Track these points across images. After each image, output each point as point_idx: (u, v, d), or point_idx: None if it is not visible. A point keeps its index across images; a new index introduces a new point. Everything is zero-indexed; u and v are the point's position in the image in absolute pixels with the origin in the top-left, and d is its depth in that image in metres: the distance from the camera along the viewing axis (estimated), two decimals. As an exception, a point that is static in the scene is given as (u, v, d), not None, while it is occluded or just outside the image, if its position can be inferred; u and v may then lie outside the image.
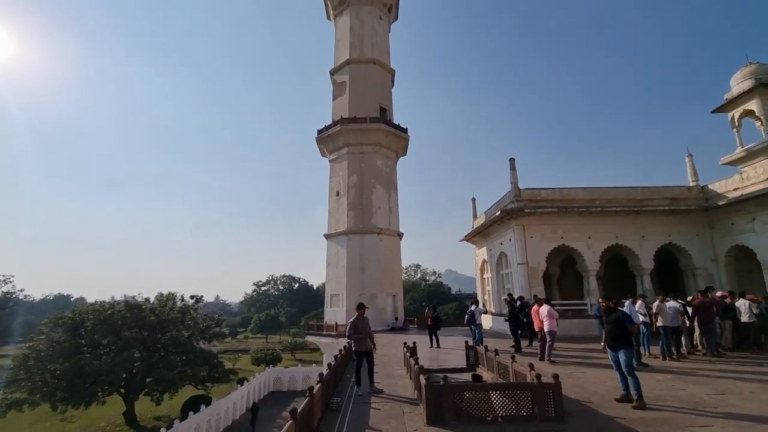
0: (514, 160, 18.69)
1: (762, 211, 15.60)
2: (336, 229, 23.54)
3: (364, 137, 22.81)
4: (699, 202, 18.12)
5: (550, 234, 18.01)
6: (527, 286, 17.39)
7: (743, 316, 11.75)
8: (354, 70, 23.62)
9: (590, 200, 18.32)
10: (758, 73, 16.24)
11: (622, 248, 18.09)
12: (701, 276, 17.75)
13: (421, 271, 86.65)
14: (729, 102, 17.04)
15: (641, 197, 18.39)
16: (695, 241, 17.97)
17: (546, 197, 18.62)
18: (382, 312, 22.34)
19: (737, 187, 16.72)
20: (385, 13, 25.48)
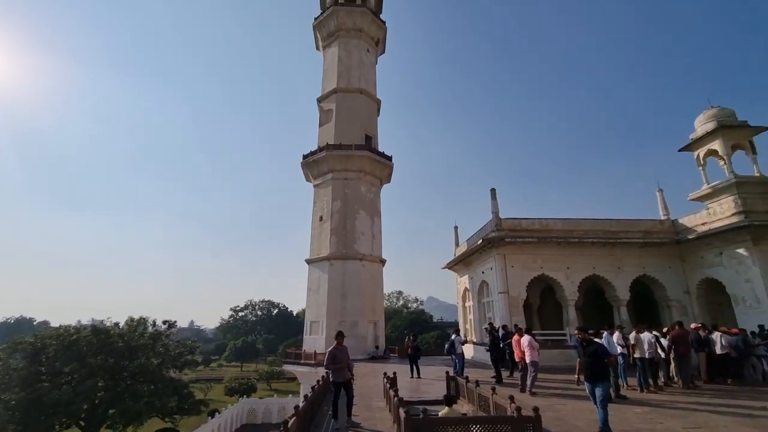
0: (495, 191, 19.15)
1: (728, 246, 16.31)
2: (318, 254, 23.31)
3: (349, 164, 23.08)
4: (670, 235, 18.84)
5: (530, 263, 18.30)
6: (508, 315, 17.44)
7: (718, 349, 12.01)
8: (341, 99, 24.18)
9: (568, 231, 18.81)
10: (719, 116, 17.40)
11: (599, 279, 18.48)
12: (675, 308, 18.21)
13: (403, 299, 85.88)
14: (694, 142, 18.10)
15: (616, 229, 19.00)
16: (668, 273, 18.55)
17: (526, 227, 19.03)
18: (363, 340, 21.91)
19: (705, 221, 17.51)
20: (372, 47, 26.45)
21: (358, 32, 25.34)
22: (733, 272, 16.22)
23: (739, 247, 15.87)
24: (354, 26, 25.37)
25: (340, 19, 25.27)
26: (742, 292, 15.86)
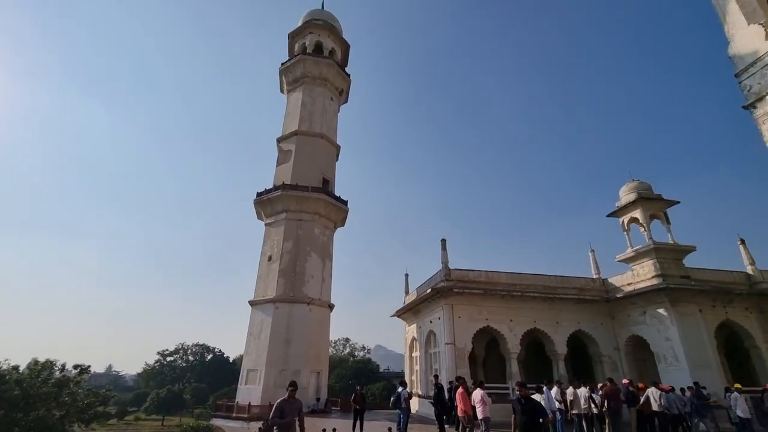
0: (445, 241, 19.80)
1: (650, 306, 17.85)
2: (263, 296, 22.24)
3: (304, 205, 22.98)
4: (601, 293, 20.30)
5: (477, 315, 18.69)
6: (454, 367, 17.39)
7: (654, 405, 12.51)
8: (301, 141, 24.56)
9: (512, 285, 19.65)
10: (639, 188, 19.75)
11: (540, 333, 19.20)
12: (607, 363, 19.20)
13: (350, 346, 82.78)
14: (619, 209, 20.23)
15: (555, 285, 20.16)
16: (600, 329, 19.73)
17: (473, 279, 19.65)
18: (304, 392, 20.55)
19: (630, 282, 19.16)
20: (336, 96, 27.61)
21: (323, 81, 26.45)
22: (655, 331, 17.63)
23: (660, 308, 17.42)
24: (320, 75, 26.51)
25: (307, 67, 26.35)
26: (663, 350, 17.18)
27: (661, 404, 12.24)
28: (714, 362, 16.60)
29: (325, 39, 28.69)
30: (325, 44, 28.57)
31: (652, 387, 12.81)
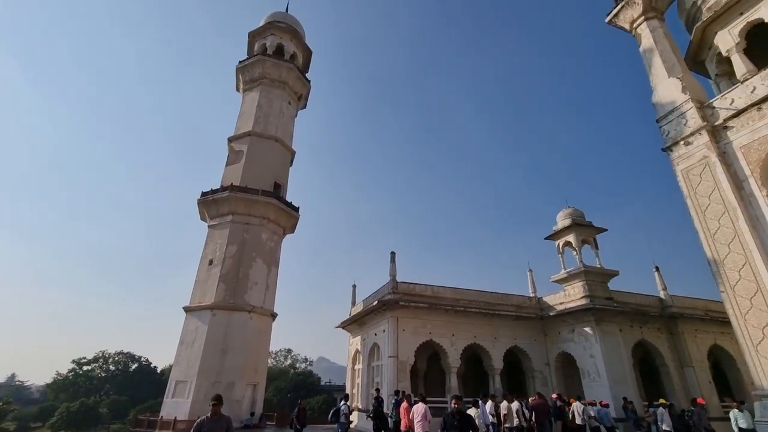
0: (394, 254, 19.99)
1: (578, 324, 19.19)
2: (200, 302, 20.90)
3: (253, 209, 22.13)
4: (536, 311, 21.50)
5: (421, 328, 18.95)
6: (395, 380, 17.42)
7: (577, 419, 13.27)
8: (254, 143, 23.74)
9: (455, 300, 20.22)
10: (573, 215, 21.38)
11: (479, 347, 19.86)
12: (538, 378, 20.25)
13: (292, 358, 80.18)
14: (555, 233, 21.71)
15: (495, 302, 21.04)
16: (534, 345, 20.83)
17: (419, 292, 19.96)
18: (237, 405, 19.45)
19: (562, 301, 20.50)
20: (294, 100, 27.16)
21: (282, 84, 25.93)
22: (581, 348, 18.95)
23: (587, 326, 18.78)
24: (279, 78, 25.98)
25: (266, 69, 25.72)
26: (588, 366, 18.49)
27: (584, 418, 13.08)
28: (630, 378, 18.13)
29: (287, 42, 28.26)
30: (287, 47, 28.13)
31: (576, 401, 13.67)
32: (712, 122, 13.47)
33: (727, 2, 14.43)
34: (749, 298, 11.91)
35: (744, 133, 12.68)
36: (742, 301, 12.08)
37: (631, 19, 17.20)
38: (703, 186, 13.33)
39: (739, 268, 12.20)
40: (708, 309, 21.07)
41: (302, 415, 14.15)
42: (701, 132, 13.53)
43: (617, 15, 17.76)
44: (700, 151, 13.52)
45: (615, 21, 17.91)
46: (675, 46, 16.09)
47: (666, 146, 14.66)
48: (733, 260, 12.38)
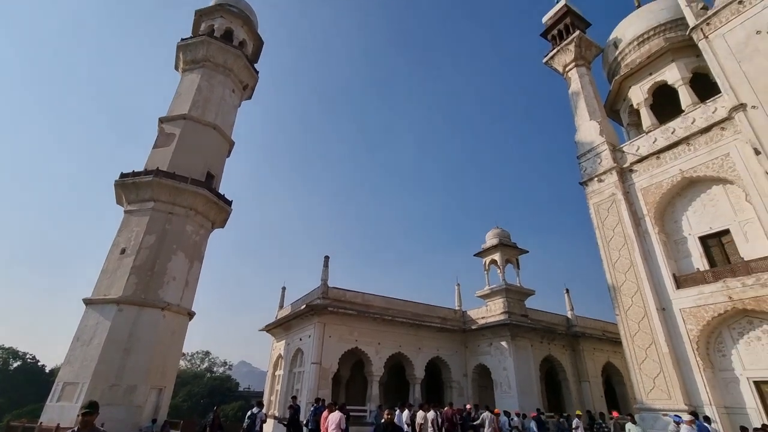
0: (328, 258, 19.68)
1: (496, 338, 20.34)
2: (106, 294, 18.68)
3: (180, 198, 20.43)
4: (460, 324, 22.43)
5: (347, 335, 18.77)
6: (316, 388, 17.01)
7: (487, 429, 13.84)
8: (189, 127, 22.02)
9: (385, 309, 20.38)
10: (501, 235, 22.80)
11: (403, 357, 20.16)
12: (455, 388, 21.04)
13: (210, 360, 74.89)
14: (484, 250, 22.96)
15: (422, 313, 21.58)
16: (454, 357, 21.65)
17: (350, 299, 19.82)
18: (138, 411, 17.57)
19: (484, 316, 21.63)
20: (239, 89, 25.80)
21: (227, 71, 24.50)
22: (497, 360, 20.08)
23: (503, 340, 19.96)
24: (224, 64, 24.51)
25: (211, 51, 24.16)
26: (501, 378, 19.61)
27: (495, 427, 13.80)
28: (536, 390, 19.55)
29: (237, 28, 26.86)
30: (237, 33, 26.73)
31: (486, 411, 14.39)
32: (621, 164, 15.26)
33: (640, 62, 16.56)
34: (638, 321, 13.52)
35: (645, 177, 14.52)
36: (632, 324, 13.68)
37: (564, 64, 19.03)
38: (610, 220, 14.98)
39: (632, 295, 13.83)
40: (605, 330, 23.56)
41: (217, 422, 13.19)
42: (612, 172, 15.26)
43: (553, 58, 19.53)
44: (610, 189, 15.22)
45: (551, 63, 19.67)
46: (597, 93, 18.06)
47: (583, 180, 16.30)
48: (627, 287, 14.01)
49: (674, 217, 13.88)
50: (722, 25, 12.46)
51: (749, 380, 11.18)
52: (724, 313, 11.64)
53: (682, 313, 12.57)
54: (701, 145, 13.06)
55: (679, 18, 15.42)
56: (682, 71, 15.25)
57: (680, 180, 13.44)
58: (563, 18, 19.63)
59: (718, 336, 12.07)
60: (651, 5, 18.04)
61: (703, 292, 12.22)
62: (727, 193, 12.65)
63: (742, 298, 11.29)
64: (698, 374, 11.84)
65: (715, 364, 11.94)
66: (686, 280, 12.82)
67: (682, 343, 12.36)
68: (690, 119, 13.68)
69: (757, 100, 11.17)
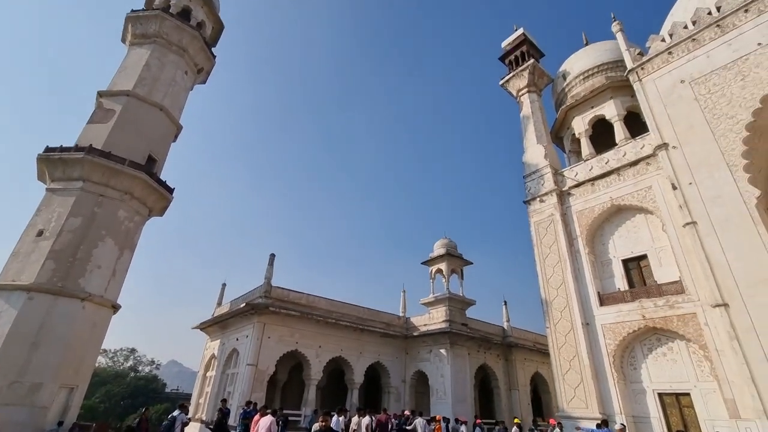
0: (274, 256, 19.09)
1: (436, 346, 20.81)
2: (15, 279, 16.59)
3: (115, 180, 18.73)
4: (402, 330, 22.70)
5: (288, 337, 18.26)
6: (249, 390, 16.33)
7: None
8: (132, 105, 20.31)
9: (329, 311, 20.12)
10: (448, 246, 23.50)
11: (343, 361, 19.98)
12: (393, 394, 21.20)
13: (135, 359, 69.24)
14: (431, 259, 23.51)
15: (366, 317, 21.57)
16: (395, 363, 21.84)
17: (294, 300, 19.33)
18: (42, 413, 15.69)
19: (426, 323, 22.07)
20: (192, 71, 24.34)
21: (181, 51, 23.00)
22: (435, 367, 20.53)
23: (442, 348, 20.48)
24: (178, 43, 23.00)
25: (164, 28, 22.58)
26: (438, 385, 20.08)
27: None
28: (470, 398, 20.24)
29: (196, 7, 25.37)
30: (195, 13, 25.25)
31: (419, 417, 14.62)
32: (561, 188, 16.39)
33: (584, 96, 17.96)
34: (565, 334, 14.48)
35: (580, 201, 15.69)
36: (559, 336, 14.63)
37: (518, 88, 20.16)
38: (547, 238, 15.99)
39: (562, 309, 14.81)
40: (536, 341, 25.01)
41: (144, 426, 12.14)
42: (552, 194, 16.32)
43: (508, 81, 20.63)
44: (549, 209, 16.26)
45: (506, 86, 20.77)
46: (545, 119, 19.32)
47: (526, 199, 17.28)
48: (558, 302, 14.98)
49: (602, 240, 15.12)
50: (654, 71, 13.89)
51: (654, 392, 12.38)
52: (637, 330, 12.82)
53: (603, 328, 13.66)
54: (629, 177, 14.39)
55: (619, 60, 16.94)
56: (618, 108, 16.75)
57: (610, 206, 14.69)
58: (520, 45, 20.83)
59: (631, 351, 13.26)
60: (597, 45, 19.68)
61: (621, 310, 13.38)
62: (647, 222, 14.02)
63: (653, 317, 12.51)
64: (613, 385, 12.90)
65: (627, 377, 13.09)
66: (608, 299, 13.98)
67: (601, 356, 13.42)
68: (622, 152, 15.04)
69: (677, 141, 12.54)
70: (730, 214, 10.87)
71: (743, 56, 11.69)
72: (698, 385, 11.52)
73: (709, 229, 11.14)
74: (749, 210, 10.56)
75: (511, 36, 21.44)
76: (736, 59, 11.82)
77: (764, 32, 11.43)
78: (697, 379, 11.60)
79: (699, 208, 11.48)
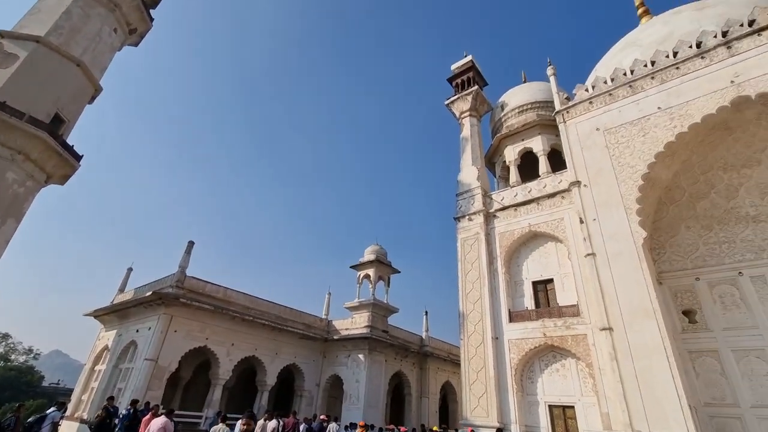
0: (192, 244, 17.75)
1: (355, 351, 20.81)
2: None
3: (7, 135, 15.96)
4: (323, 333, 22.37)
5: (197, 332, 17.01)
6: (144, 388, 14.87)
7: None
8: (41, 54, 17.54)
9: (246, 308, 19.15)
10: (379, 252, 23.79)
11: (257, 361, 19.09)
12: (305, 398, 20.71)
13: (7, 345, 59.44)
14: (361, 264, 23.59)
15: (287, 317, 20.91)
16: (311, 365, 21.40)
17: (209, 292, 18.09)
18: None
19: (348, 327, 22.00)
20: (124, 30, 21.82)
21: (113, 5, 20.56)
22: (351, 372, 20.49)
23: (361, 353, 20.53)
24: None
25: (97, -24, 20.07)
26: (352, 390, 20.04)
27: None
28: (382, 404, 20.49)
29: (139, -37, 22.97)
30: (137, -31, 22.84)
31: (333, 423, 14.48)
32: (488, 209, 17.49)
33: (517, 128, 19.48)
34: (476, 347, 15.35)
35: (503, 224, 16.88)
36: (471, 348, 15.47)
37: (461, 110, 21.27)
38: (471, 255, 16.91)
39: (476, 323, 15.70)
40: (450, 352, 26.20)
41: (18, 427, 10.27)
42: (480, 214, 17.35)
43: (453, 102, 21.69)
44: (476, 228, 17.25)
45: (450, 106, 21.80)
46: (482, 143, 20.57)
47: (456, 216, 18.16)
48: (473, 316, 15.87)
49: (518, 262, 16.39)
50: (576, 117, 15.52)
51: (546, 404, 13.61)
52: (538, 346, 14.03)
53: (510, 343, 14.74)
54: (547, 207, 15.83)
55: (550, 101, 18.66)
56: (544, 144, 18.42)
57: (527, 232, 16.01)
58: (468, 71, 22.04)
59: (531, 365, 14.46)
60: (533, 84, 21.52)
61: (527, 327, 14.57)
62: (557, 250, 15.50)
63: (552, 335, 13.80)
64: (512, 396, 13.93)
65: (525, 389, 14.23)
66: (517, 316, 15.14)
67: (506, 369, 14.44)
68: (543, 184, 16.51)
69: (588, 181, 14.09)
70: (622, 250, 12.43)
71: (646, 116, 13.55)
72: (582, 399, 12.89)
73: (605, 261, 12.63)
74: (637, 248, 12.18)
75: (461, 61, 22.60)
76: (641, 117, 13.66)
77: (664, 99, 13.38)
78: (581, 393, 12.99)
79: (599, 242, 12.97)
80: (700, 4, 16.14)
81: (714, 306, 12.81)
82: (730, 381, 11.78)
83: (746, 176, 13.22)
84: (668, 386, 10.33)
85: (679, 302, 13.42)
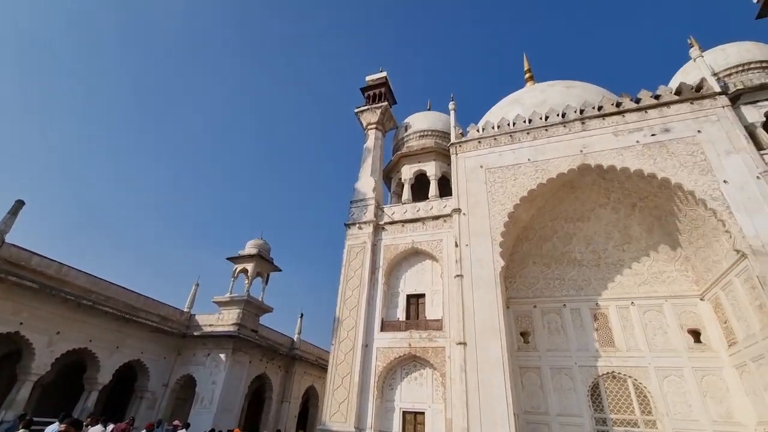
0: (22, 204, 14.28)
1: (216, 349, 19.18)
2: None
3: None
4: (182, 327, 20.11)
5: (8, 315, 13.63)
6: None
7: None
8: None
9: (88, 291, 16.14)
10: (262, 247, 22.60)
11: (89, 354, 16.14)
12: (147, 399, 18.23)
13: None
14: (239, 257, 22.05)
15: (140, 306, 18.26)
16: (161, 363, 18.98)
17: (35, 266, 14.72)
18: None
19: (213, 324, 20.20)
20: None
21: None
22: (208, 373, 18.80)
23: (223, 353, 19.02)
24: None
25: None
26: (206, 392, 18.35)
27: None
28: (238, 408, 19.21)
29: None
30: None
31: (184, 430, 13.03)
32: (379, 221, 18.18)
33: (416, 150, 20.85)
34: (346, 353, 15.60)
35: (390, 237, 17.71)
36: (341, 354, 15.66)
37: (368, 122, 21.88)
38: (355, 262, 17.27)
39: (350, 330, 15.99)
40: (320, 356, 26.14)
41: None
42: (370, 224, 17.92)
43: (362, 112, 22.20)
44: (364, 237, 17.73)
45: (359, 115, 22.28)
46: (383, 156, 21.41)
47: (348, 222, 18.43)
48: (348, 323, 16.14)
49: (398, 275, 17.34)
50: (466, 152, 17.36)
51: (400, 410, 14.51)
52: (403, 355, 14.96)
53: (378, 351, 15.39)
54: (430, 227, 17.20)
55: (448, 132, 20.51)
56: (437, 170, 20.08)
57: (410, 248, 17.11)
58: (380, 86, 22.85)
59: (393, 373, 15.30)
60: (436, 113, 23.40)
61: (396, 337, 15.42)
62: (432, 268, 16.89)
63: (416, 346, 14.87)
64: (372, 402, 14.49)
65: (385, 395, 14.97)
66: (388, 325, 15.93)
67: (371, 375, 14.99)
68: (430, 206, 17.92)
69: (467, 210, 15.80)
70: (483, 275, 14.19)
71: (518, 164, 15.91)
72: (432, 405, 14.13)
73: (470, 283, 14.23)
74: (495, 275, 14.05)
75: (376, 75, 23.33)
76: (515, 164, 15.98)
77: (533, 153, 15.92)
78: (432, 400, 14.23)
79: (467, 265, 14.58)
80: (568, 84, 19.77)
81: (543, 330, 15.49)
82: (545, 393, 14.30)
83: (579, 228, 16.47)
84: (501, 396, 12.03)
85: (519, 325, 15.86)
